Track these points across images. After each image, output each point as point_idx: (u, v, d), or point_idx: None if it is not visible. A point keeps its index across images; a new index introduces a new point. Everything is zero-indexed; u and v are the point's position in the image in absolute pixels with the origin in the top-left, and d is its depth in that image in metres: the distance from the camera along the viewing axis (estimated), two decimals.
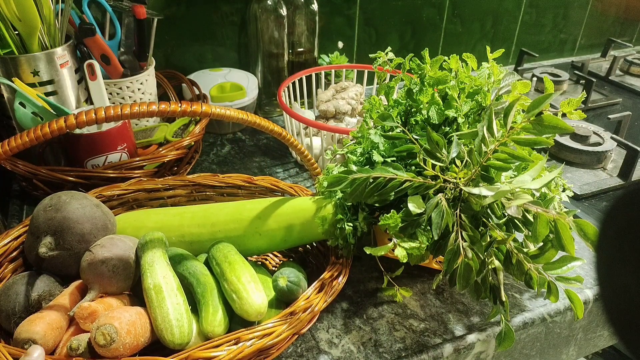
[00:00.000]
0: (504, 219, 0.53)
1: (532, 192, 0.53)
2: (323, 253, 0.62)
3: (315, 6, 1.00)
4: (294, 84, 0.95)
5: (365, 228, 0.55)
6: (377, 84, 0.72)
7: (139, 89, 0.84)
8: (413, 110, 0.62)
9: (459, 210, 0.51)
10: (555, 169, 0.53)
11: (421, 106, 0.61)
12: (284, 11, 0.96)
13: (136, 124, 0.88)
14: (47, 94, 0.72)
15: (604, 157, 0.92)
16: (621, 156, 0.91)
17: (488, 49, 0.62)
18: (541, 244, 0.53)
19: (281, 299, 0.54)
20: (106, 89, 0.78)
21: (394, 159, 0.59)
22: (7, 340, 0.50)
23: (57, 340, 0.48)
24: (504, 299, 0.52)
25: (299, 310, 0.49)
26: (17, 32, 0.70)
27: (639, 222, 0.22)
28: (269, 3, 0.95)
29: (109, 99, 0.82)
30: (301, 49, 1.04)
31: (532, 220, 0.50)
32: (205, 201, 0.70)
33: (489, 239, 0.52)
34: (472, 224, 0.51)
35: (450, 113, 0.58)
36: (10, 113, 0.72)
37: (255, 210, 0.59)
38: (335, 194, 0.57)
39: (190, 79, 0.97)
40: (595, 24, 1.47)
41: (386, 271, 0.59)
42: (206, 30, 1.02)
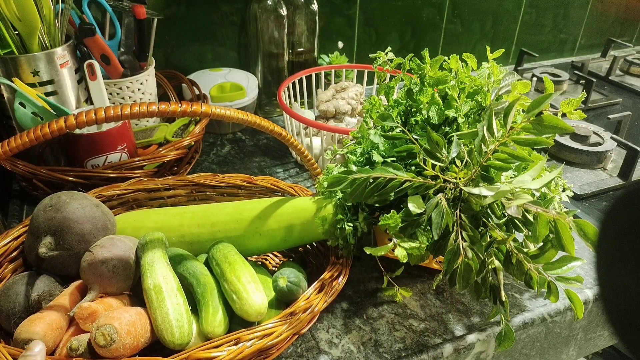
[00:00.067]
0: (504, 219, 0.53)
1: (532, 192, 0.53)
2: (323, 253, 0.62)
3: (315, 6, 1.00)
4: (294, 84, 0.95)
5: (365, 228, 0.55)
6: (377, 84, 0.72)
7: (139, 89, 0.84)
8: (413, 110, 0.62)
9: (459, 210, 0.51)
10: (555, 169, 0.53)
11: (421, 106, 0.61)
12: (284, 11, 0.96)
13: (136, 124, 0.88)
14: (47, 94, 0.72)
15: (604, 157, 0.92)
16: (621, 156, 0.91)
17: (488, 49, 0.62)
18: (541, 244, 0.53)
19: (281, 299, 0.54)
20: (106, 89, 0.78)
21: (394, 159, 0.59)
22: (7, 340, 0.50)
23: (57, 341, 0.47)
24: (504, 299, 0.52)
25: (299, 310, 0.49)
26: (17, 32, 0.70)
27: (639, 222, 0.22)
28: (269, 3, 0.95)
29: (109, 99, 0.82)
30: (301, 49, 1.04)
31: (532, 220, 0.50)
32: (205, 201, 0.70)
33: (489, 239, 0.52)
34: (472, 224, 0.51)
35: (450, 113, 0.58)
36: (10, 113, 0.72)
37: (256, 210, 0.59)
38: (336, 194, 0.57)
39: (190, 79, 0.97)
40: (595, 24, 1.47)
41: (386, 271, 0.59)
42: (206, 30, 1.02)
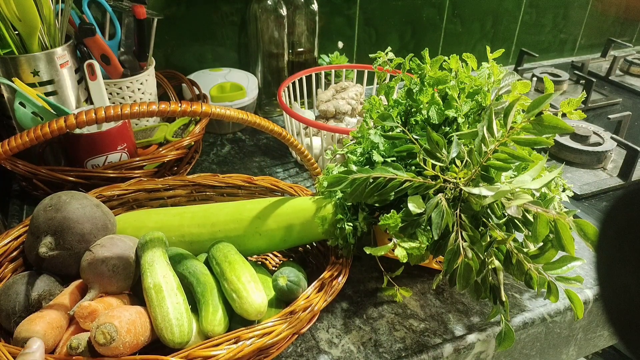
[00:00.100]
0: (504, 219, 0.53)
1: (532, 192, 0.53)
2: (323, 253, 0.62)
3: (315, 6, 1.00)
4: (294, 84, 0.95)
5: (365, 228, 0.55)
6: (377, 84, 0.72)
7: (139, 89, 0.84)
8: (413, 110, 0.62)
9: (459, 210, 0.51)
10: (555, 169, 0.53)
11: (421, 106, 0.61)
12: (284, 11, 0.96)
13: (136, 124, 0.88)
14: (47, 94, 0.72)
15: (604, 157, 0.92)
16: (621, 156, 0.91)
17: (488, 49, 0.62)
18: (541, 244, 0.53)
19: (281, 299, 0.54)
20: (106, 89, 0.78)
21: (394, 159, 0.59)
22: (7, 339, 0.50)
23: (58, 340, 0.47)
24: (504, 299, 0.52)
25: (299, 309, 0.49)
26: (17, 32, 0.70)
27: (639, 222, 0.22)
28: (269, 3, 0.95)
29: (109, 99, 0.82)
30: (301, 49, 1.04)
31: (532, 220, 0.50)
32: (206, 201, 0.70)
33: (489, 239, 0.52)
34: (472, 224, 0.51)
35: (450, 113, 0.58)
36: (10, 113, 0.72)
37: (255, 210, 0.59)
38: (335, 194, 0.57)
39: (190, 79, 0.97)
40: (595, 24, 1.47)
41: (386, 271, 0.59)
42: (206, 30, 1.02)
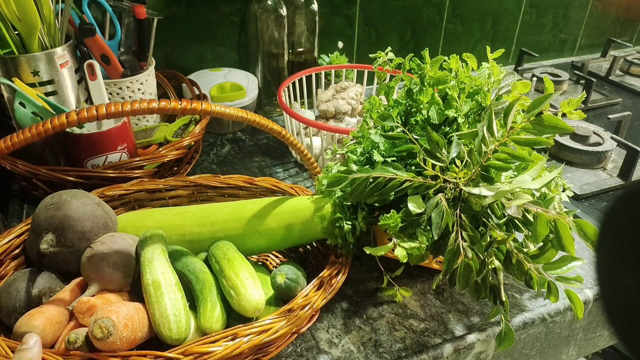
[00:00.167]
0: (504, 219, 0.53)
1: (532, 192, 0.53)
2: (323, 253, 0.62)
3: (315, 6, 1.00)
4: (294, 84, 0.95)
5: (364, 227, 0.55)
6: (377, 84, 0.72)
7: (139, 89, 0.84)
8: (413, 110, 0.62)
9: (459, 210, 0.51)
10: (555, 169, 0.53)
11: (421, 106, 0.61)
12: (284, 11, 0.96)
13: (136, 124, 0.88)
14: (47, 94, 0.72)
15: (604, 157, 0.92)
16: (621, 156, 0.91)
17: (488, 49, 0.62)
18: (541, 244, 0.53)
19: (280, 297, 0.54)
20: (106, 89, 0.78)
21: (394, 159, 0.59)
22: (8, 336, 0.50)
23: (57, 335, 0.48)
24: (504, 299, 0.52)
25: (297, 307, 0.49)
26: (17, 32, 0.70)
27: (639, 222, 0.22)
28: (269, 3, 0.95)
29: (109, 99, 0.82)
30: (301, 49, 1.04)
31: (532, 220, 0.50)
32: (207, 202, 0.70)
33: (489, 239, 0.52)
34: (472, 224, 0.51)
35: (450, 113, 0.58)
36: (10, 113, 0.72)
37: (255, 210, 0.59)
38: (334, 193, 0.57)
39: (190, 79, 0.97)
40: (595, 24, 1.47)
41: (386, 271, 0.59)
42: (206, 30, 1.02)
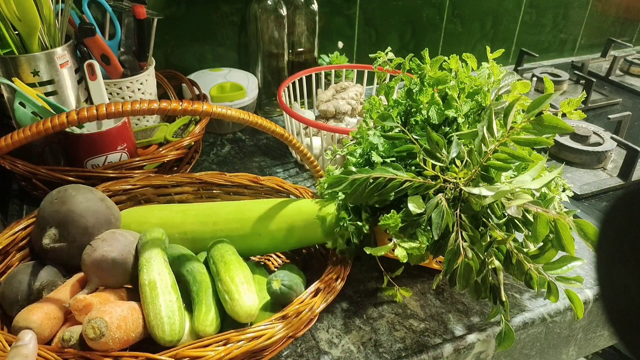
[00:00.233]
0: (504, 219, 0.53)
1: (532, 192, 0.53)
2: (325, 256, 0.61)
3: (315, 6, 1.00)
4: (294, 84, 0.95)
5: (367, 229, 0.55)
6: (377, 84, 0.72)
7: (139, 89, 0.84)
8: (413, 110, 0.62)
9: (459, 210, 0.51)
10: (555, 169, 0.53)
11: (421, 106, 0.61)
12: (284, 11, 0.96)
13: (136, 124, 0.88)
14: (47, 94, 0.72)
15: (604, 157, 0.92)
16: (621, 156, 0.91)
17: (488, 49, 0.62)
18: (541, 244, 0.53)
19: (276, 302, 0.54)
20: (106, 89, 0.78)
21: (394, 159, 0.59)
22: (10, 327, 0.51)
23: (54, 331, 0.48)
24: (504, 299, 0.52)
25: (292, 313, 0.48)
26: (17, 32, 0.70)
27: (639, 222, 0.22)
28: (269, 3, 0.95)
29: (109, 99, 0.82)
30: (301, 49, 1.04)
31: (532, 220, 0.50)
32: (212, 199, 0.70)
33: (489, 239, 0.52)
34: (472, 224, 0.51)
35: (450, 113, 0.58)
36: (10, 113, 0.72)
37: (257, 211, 0.59)
38: (337, 196, 0.57)
39: (190, 79, 0.97)
40: (595, 24, 1.47)
41: (386, 271, 0.59)
42: (206, 30, 1.02)
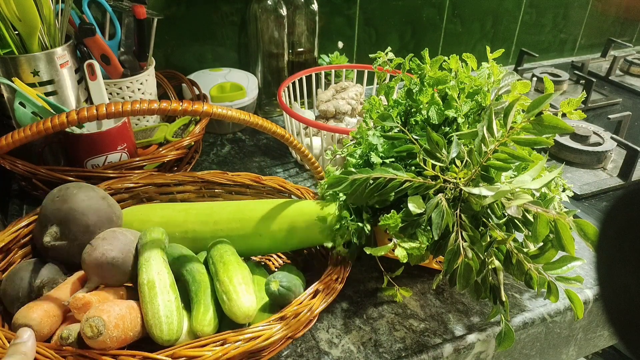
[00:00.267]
0: (504, 219, 0.53)
1: (532, 192, 0.53)
2: (326, 256, 0.61)
3: (315, 6, 1.00)
4: (294, 84, 0.95)
5: (369, 230, 0.55)
6: (377, 84, 0.72)
7: (139, 89, 0.84)
8: (413, 110, 0.62)
9: (459, 210, 0.51)
10: (555, 169, 0.53)
11: (421, 106, 0.61)
12: (284, 11, 0.96)
13: (136, 124, 0.88)
14: (47, 94, 0.72)
15: (604, 157, 0.92)
16: (621, 156, 0.91)
17: (488, 49, 0.62)
18: (541, 244, 0.53)
19: (274, 303, 0.53)
20: (106, 89, 0.78)
21: (394, 160, 0.59)
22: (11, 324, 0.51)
23: (54, 328, 0.48)
24: (504, 299, 0.52)
25: (291, 314, 0.48)
26: (17, 32, 0.70)
27: (639, 222, 0.22)
28: (269, 3, 0.95)
29: (109, 99, 0.82)
30: (301, 49, 1.04)
31: (532, 220, 0.50)
32: (214, 198, 0.70)
33: (489, 239, 0.52)
34: (472, 224, 0.51)
35: (450, 113, 0.58)
36: (10, 113, 0.72)
37: (258, 211, 0.59)
38: (338, 197, 0.57)
39: (190, 79, 0.97)
40: (595, 24, 1.47)
41: (386, 271, 0.59)
42: (206, 30, 1.02)
